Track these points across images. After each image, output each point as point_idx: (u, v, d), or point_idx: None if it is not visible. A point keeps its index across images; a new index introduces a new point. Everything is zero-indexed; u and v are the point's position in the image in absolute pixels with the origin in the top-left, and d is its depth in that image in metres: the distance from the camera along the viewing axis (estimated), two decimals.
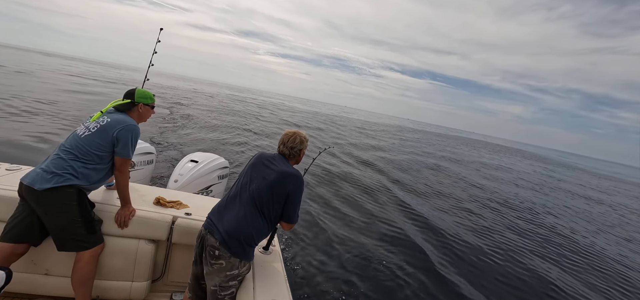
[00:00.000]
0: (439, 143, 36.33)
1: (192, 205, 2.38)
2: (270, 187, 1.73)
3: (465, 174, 15.65)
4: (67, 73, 30.80)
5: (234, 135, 13.80)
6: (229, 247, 1.63)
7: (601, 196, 18.83)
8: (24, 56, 49.89)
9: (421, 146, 27.35)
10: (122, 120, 1.96)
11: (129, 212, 2.03)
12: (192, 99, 29.02)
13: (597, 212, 13.03)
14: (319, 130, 24.26)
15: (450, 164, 18.40)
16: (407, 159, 16.76)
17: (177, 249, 2.26)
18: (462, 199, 10.07)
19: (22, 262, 1.83)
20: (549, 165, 37.15)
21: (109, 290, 2.03)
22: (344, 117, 51.02)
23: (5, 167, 2.28)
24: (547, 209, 11.34)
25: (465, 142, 51.44)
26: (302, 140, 1.97)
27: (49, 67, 34.63)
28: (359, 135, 26.05)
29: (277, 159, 1.89)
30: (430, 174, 13.89)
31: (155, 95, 2.30)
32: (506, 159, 33.97)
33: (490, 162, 25.46)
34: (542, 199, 13.28)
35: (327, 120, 37.84)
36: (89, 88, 21.67)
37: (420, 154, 20.62)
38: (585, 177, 32.68)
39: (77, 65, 53.78)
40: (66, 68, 39.12)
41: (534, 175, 22.98)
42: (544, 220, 9.60)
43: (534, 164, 33.95)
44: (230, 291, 1.68)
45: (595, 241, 8.39)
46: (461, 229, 6.96)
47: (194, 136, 11.76)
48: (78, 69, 42.49)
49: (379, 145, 21.59)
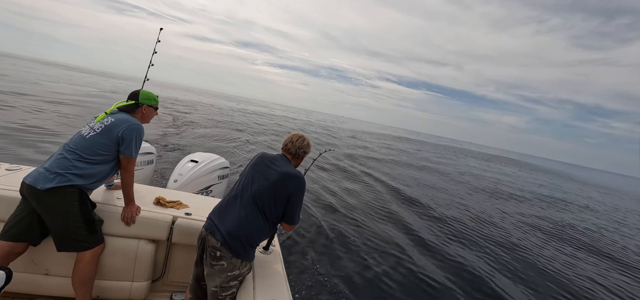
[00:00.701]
0: (430, 151, 35.70)
1: (192, 205, 2.38)
2: (272, 187, 1.73)
3: (456, 187, 15.55)
4: (67, 82, 30.22)
5: (235, 138, 13.88)
6: (231, 247, 1.63)
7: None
8: (26, 65, 48.54)
9: (415, 154, 27.19)
10: (126, 120, 1.97)
11: (135, 209, 2.04)
12: (193, 106, 29.18)
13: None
14: (316, 133, 24.32)
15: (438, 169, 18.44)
16: (401, 166, 17.09)
17: (177, 249, 2.26)
18: (460, 203, 10.11)
19: (23, 262, 1.83)
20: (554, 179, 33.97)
21: (109, 290, 2.03)
22: (338, 127, 49.16)
23: (5, 167, 2.28)
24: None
25: (459, 151, 50.96)
26: (309, 144, 2.03)
27: (51, 77, 33.82)
28: (353, 141, 26.20)
29: (280, 159, 1.90)
30: (428, 180, 13.94)
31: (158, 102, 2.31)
32: (497, 166, 33.33)
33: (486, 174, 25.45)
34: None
35: (321, 127, 37.72)
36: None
37: (411, 164, 20.69)
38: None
39: (76, 75, 52.44)
40: (66, 77, 38.37)
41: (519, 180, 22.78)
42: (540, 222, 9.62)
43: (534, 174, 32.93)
44: (230, 292, 1.68)
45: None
46: (462, 238, 6.97)
47: (196, 139, 11.79)
48: (76, 78, 41.44)
49: (373, 152, 21.77)
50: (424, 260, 5.04)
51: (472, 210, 9.29)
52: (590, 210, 15.08)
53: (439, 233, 6.60)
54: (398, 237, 5.81)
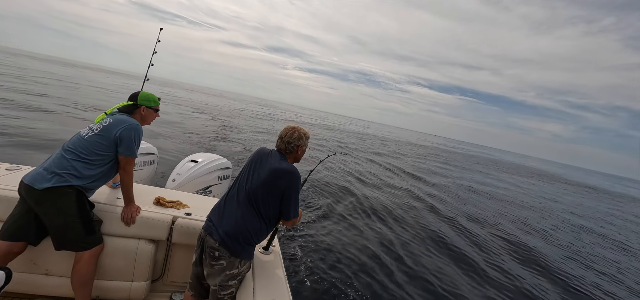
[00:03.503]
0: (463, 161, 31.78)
1: (192, 205, 2.37)
2: (264, 184, 1.70)
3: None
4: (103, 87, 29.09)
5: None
6: (229, 247, 1.63)
7: None
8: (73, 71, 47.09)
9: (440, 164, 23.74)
10: (124, 120, 1.97)
11: (135, 209, 2.04)
12: (237, 112, 29.62)
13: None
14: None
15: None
16: (422, 172, 16.52)
17: (177, 249, 2.26)
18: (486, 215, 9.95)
19: (22, 262, 1.83)
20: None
21: (109, 290, 2.02)
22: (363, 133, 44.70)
23: (5, 167, 2.28)
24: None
25: (493, 163, 42.76)
26: (301, 136, 1.85)
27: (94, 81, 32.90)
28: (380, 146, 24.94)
29: (273, 155, 1.83)
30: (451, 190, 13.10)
31: (203, 111, 2.22)
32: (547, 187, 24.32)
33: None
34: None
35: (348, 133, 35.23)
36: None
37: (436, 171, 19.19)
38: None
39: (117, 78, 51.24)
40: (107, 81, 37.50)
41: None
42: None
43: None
44: (229, 291, 1.68)
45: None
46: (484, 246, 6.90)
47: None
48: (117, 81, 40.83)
49: (395, 158, 20.96)
50: (428, 262, 5.02)
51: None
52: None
53: (465, 244, 6.54)
54: (401, 238, 5.80)
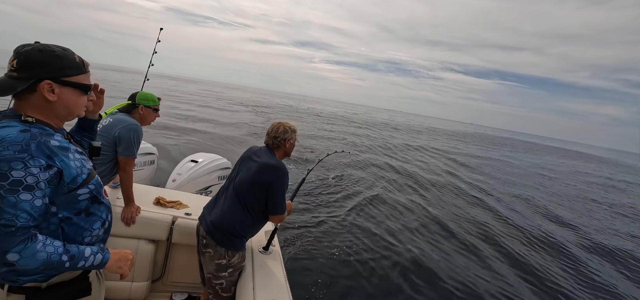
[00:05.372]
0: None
1: (192, 205, 2.38)
2: (251, 179, 1.76)
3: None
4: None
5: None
6: (214, 236, 1.73)
7: None
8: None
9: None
10: (123, 120, 1.97)
11: (135, 209, 2.04)
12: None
13: None
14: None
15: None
16: (432, 168, 14.26)
17: (177, 249, 2.26)
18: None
19: None
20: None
21: (108, 290, 2.02)
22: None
23: None
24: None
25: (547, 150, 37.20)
26: (286, 130, 1.87)
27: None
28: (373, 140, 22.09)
29: (262, 151, 1.89)
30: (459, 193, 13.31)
31: (249, 108, 2.14)
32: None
33: None
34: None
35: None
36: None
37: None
38: None
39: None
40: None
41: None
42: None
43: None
44: (221, 282, 1.75)
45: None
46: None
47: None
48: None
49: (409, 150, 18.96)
50: (430, 263, 5.02)
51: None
52: None
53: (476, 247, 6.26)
54: (403, 239, 5.79)
